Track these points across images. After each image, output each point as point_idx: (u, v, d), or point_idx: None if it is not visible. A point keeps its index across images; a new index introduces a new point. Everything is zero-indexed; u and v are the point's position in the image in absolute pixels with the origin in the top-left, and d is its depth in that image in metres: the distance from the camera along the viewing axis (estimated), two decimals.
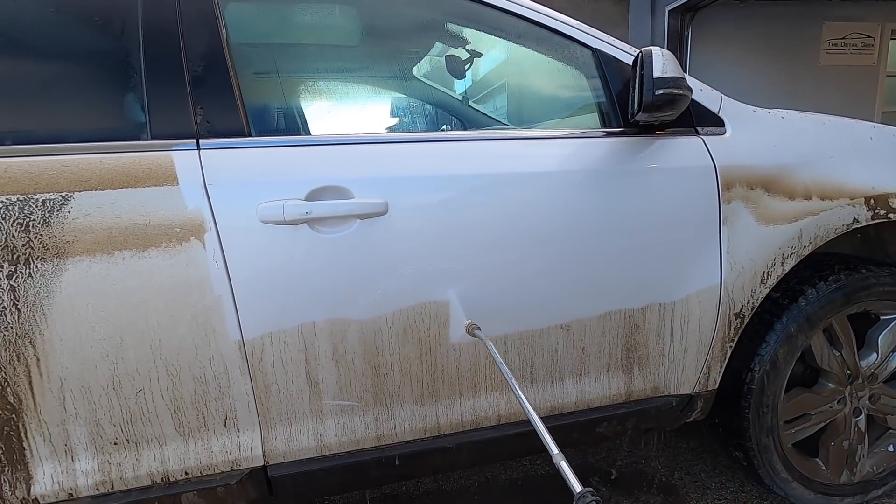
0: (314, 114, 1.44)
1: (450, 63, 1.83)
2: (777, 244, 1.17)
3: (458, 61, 1.84)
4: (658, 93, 0.95)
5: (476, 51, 1.85)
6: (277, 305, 0.96)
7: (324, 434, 1.05)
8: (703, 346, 1.19)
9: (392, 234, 0.99)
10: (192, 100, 0.97)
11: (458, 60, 1.83)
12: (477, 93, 2.04)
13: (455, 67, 1.85)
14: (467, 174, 1.03)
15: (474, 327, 1.01)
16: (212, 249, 0.92)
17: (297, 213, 0.94)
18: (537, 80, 1.53)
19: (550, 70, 1.32)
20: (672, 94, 0.96)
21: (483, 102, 2.08)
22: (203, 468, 1.01)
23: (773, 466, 1.30)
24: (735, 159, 1.15)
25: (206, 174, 0.93)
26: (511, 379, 0.89)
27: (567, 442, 1.25)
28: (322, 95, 1.49)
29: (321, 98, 1.49)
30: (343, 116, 1.57)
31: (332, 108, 1.53)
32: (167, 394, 0.96)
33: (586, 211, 1.07)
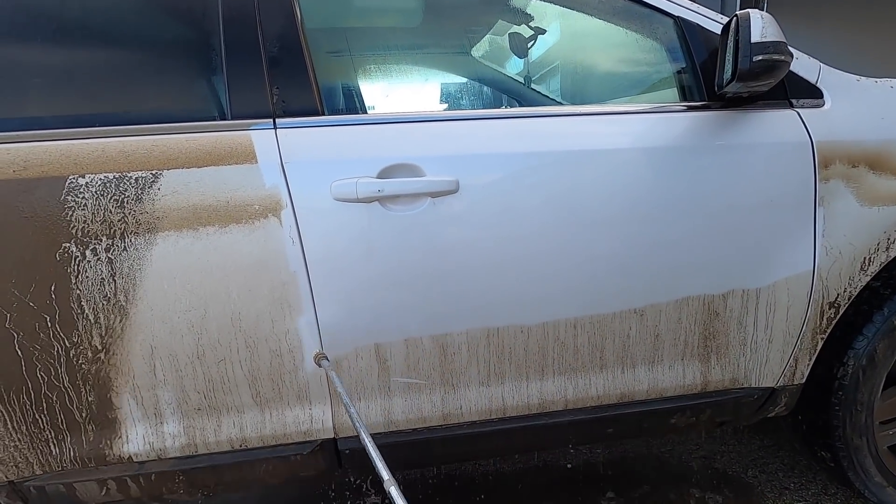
0: (383, 93, 1.44)
1: (513, 41, 1.78)
2: (882, 227, 1.06)
3: (521, 39, 1.78)
4: (756, 59, 0.87)
5: (540, 27, 1.78)
6: (350, 282, 0.98)
7: (391, 410, 1.06)
8: (791, 337, 1.11)
9: (463, 213, 0.98)
10: (268, 81, 0.99)
11: (522, 38, 1.78)
12: (541, 72, 1.97)
13: (518, 45, 1.80)
14: (538, 151, 1.00)
15: (321, 357, 0.98)
16: (288, 226, 0.95)
17: (369, 191, 0.94)
18: (610, 55, 1.45)
19: (625, 43, 1.25)
20: (772, 61, 0.88)
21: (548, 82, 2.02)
22: (278, 437, 1.05)
23: (865, 470, 1.20)
24: (835, 134, 1.05)
25: (283, 153, 0.95)
26: (351, 409, 0.84)
27: (636, 431, 1.21)
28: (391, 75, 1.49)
29: (390, 77, 1.48)
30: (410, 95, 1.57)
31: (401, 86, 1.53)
32: (245, 364, 1.00)
33: (662, 190, 1.02)
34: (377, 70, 1.45)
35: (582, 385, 1.10)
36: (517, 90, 1.69)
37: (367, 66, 1.43)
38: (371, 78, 1.41)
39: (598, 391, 1.10)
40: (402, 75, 1.51)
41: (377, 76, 1.44)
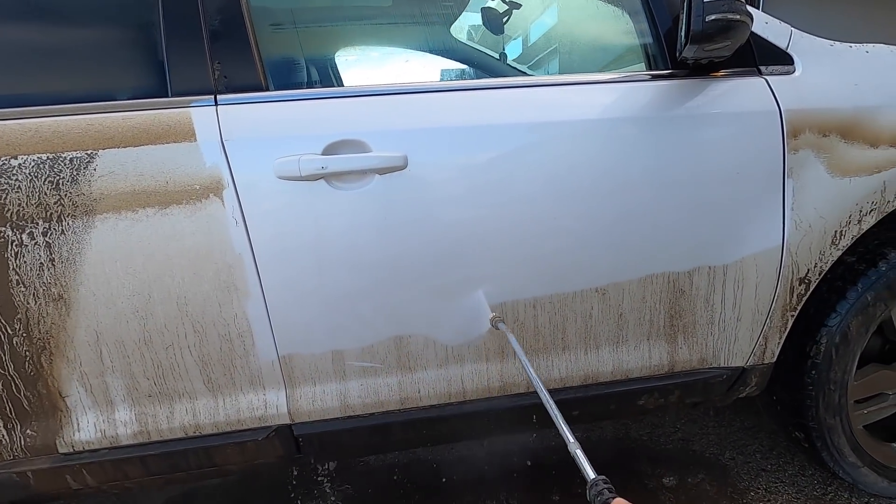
0: (332, 67, 1.39)
1: (486, 16, 1.73)
2: (854, 199, 1.02)
3: (495, 14, 1.73)
4: (709, 19, 0.82)
5: (514, 1, 1.73)
6: (299, 263, 0.95)
7: (347, 395, 1.04)
8: (760, 315, 1.07)
9: (413, 190, 0.94)
10: (209, 56, 0.95)
11: (496, 13, 1.73)
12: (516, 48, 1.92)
13: (492, 21, 1.75)
14: (491, 124, 0.96)
15: (498, 320, 0.96)
16: (231, 207, 0.91)
17: (312, 169, 0.91)
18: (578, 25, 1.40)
19: (591, 11, 1.20)
20: (726, 20, 0.83)
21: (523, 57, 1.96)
22: (232, 423, 1.03)
23: (839, 449, 1.17)
24: (805, 102, 1.00)
25: (224, 130, 0.91)
26: (531, 372, 0.82)
27: (604, 413, 1.19)
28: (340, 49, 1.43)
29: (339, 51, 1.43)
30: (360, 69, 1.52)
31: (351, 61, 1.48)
32: (195, 350, 0.97)
33: (624, 162, 0.98)
34: (325, 44, 1.40)
35: (544, 367, 1.07)
36: (482, 61, 1.64)
37: (315, 40, 1.38)
38: (318, 52, 1.36)
39: (560, 373, 1.07)
40: (351, 49, 1.46)
41: (325, 50, 1.39)
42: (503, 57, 1.80)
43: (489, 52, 1.78)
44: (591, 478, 0.58)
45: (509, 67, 1.81)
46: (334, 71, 1.42)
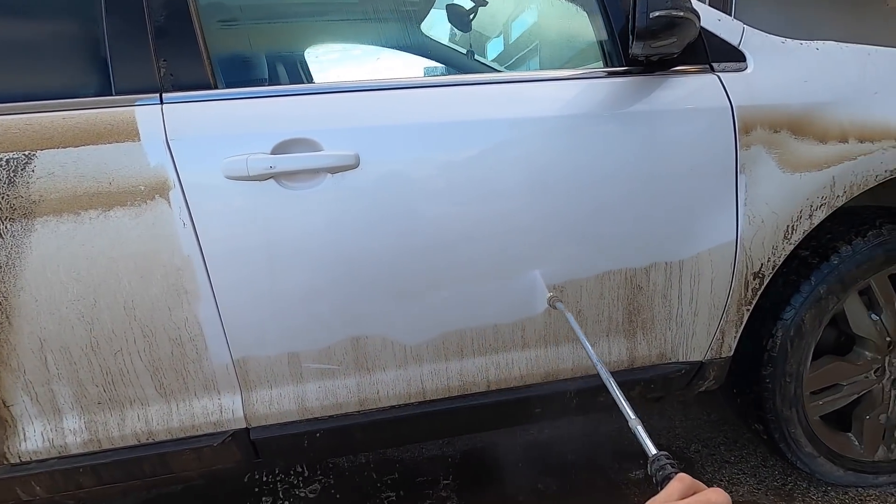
0: (287, 65, 1.37)
1: (452, 13, 1.72)
2: (804, 194, 1.03)
3: (461, 11, 1.72)
4: (653, 15, 0.82)
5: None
6: (249, 264, 0.93)
7: (305, 398, 1.02)
8: (716, 310, 1.09)
9: (366, 189, 0.93)
10: (155, 53, 0.92)
11: (462, 10, 1.72)
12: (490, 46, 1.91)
13: (458, 18, 1.74)
14: (444, 122, 0.95)
15: (555, 300, 0.97)
16: (178, 207, 0.89)
17: (261, 168, 0.89)
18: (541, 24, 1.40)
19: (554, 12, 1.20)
20: (670, 17, 0.83)
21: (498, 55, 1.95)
22: (187, 429, 1.01)
23: (796, 440, 1.19)
24: (756, 98, 1.01)
25: (169, 129, 0.89)
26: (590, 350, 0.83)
27: (566, 410, 1.19)
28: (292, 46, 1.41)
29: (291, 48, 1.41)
30: (319, 67, 1.50)
31: (307, 58, 1.45)
32: (145, 355, 0.95)
33: (579, 160, 0.98)
34: (277, 41, 1.38)
35: (504, 365, 1.07)
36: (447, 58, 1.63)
37: (266, 37, 1.36)
38: (270, 49, 1.34)
39: (521, 371, 1.07)
40: (305, 46, 1.43)
41: (278, 48, 1.36)
42: (470, 54, 1.79)
43: (457, 49, 1.77)
44: (653, 453, 0.57)
45: (479, 64, 1.81)
46: (287, 69, 1.40)
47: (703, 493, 0.44)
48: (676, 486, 0.46)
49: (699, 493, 0.45)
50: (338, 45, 1.51)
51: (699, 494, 0.44)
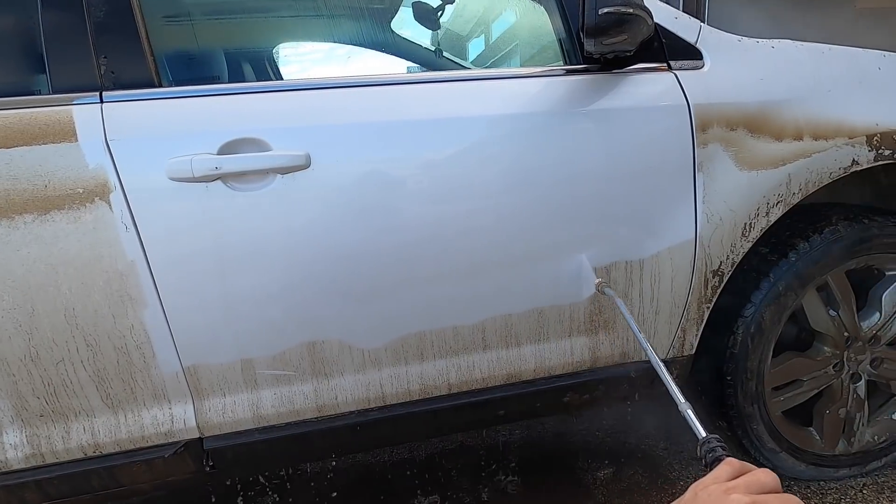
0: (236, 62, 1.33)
1: (418, 11, 1.69)
2: (761, 192, 1.04)
3: (427, 9, 1.70)
4: (602, 12, 0.81)
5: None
6: (197, 269, 0.90)
7: (260, 405, 0.99)
8: (677, 308, 1.09)
9: (317, 190, 0.90)
10: (94, 49, 0.88)
11: (428, 8, 1.70)
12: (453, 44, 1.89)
13: (425, 16, 1.72)
14: (399, 121, 0.93)
15: (604, 285, 0.98)
16: (119, 211, 0.85)
17: (206, 169, 0.86)
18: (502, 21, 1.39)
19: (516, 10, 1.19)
20: (619, 14, 0.82)
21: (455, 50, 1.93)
22: (135, 440, 0.97)
23: (758, 436, 1.20)
24: (713, 96, 1.01)
25: (108, 129, 0.85)
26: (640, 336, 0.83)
27: (530, 412, 1.18)
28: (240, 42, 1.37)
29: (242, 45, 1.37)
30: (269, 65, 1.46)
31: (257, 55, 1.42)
32: (89, 365, 0.91)
33: (537, 159, 0.96)
34: (225, 38, 1.34)
35: (465, 367, 1.05)
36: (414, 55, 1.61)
37: (213, 34, 1.32)
38: (218, 46, 1.30)
39: (482, 373, 1.06)
40: (254, 43, 1.40)
41: (225, 44, 1.33)
42: (439, 52, 1.77)
43: (425, 47, 1.75)
44: (703, 436, 0.57)
45: (449, 62, 1.79)
46: (235, 66, 1.36)
47: (753, 473, 0.45)
48: (725, 469, 0.46)
49: (748, 473, 0.45)
50: (293, 43, 1.47)
51: (749, 475, 0.44)
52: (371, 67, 1.57)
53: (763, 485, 0.43)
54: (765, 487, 0.43)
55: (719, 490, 0.43)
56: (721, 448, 0.54)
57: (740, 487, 0.43)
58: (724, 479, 0.45)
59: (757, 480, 0.43)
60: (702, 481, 0.46)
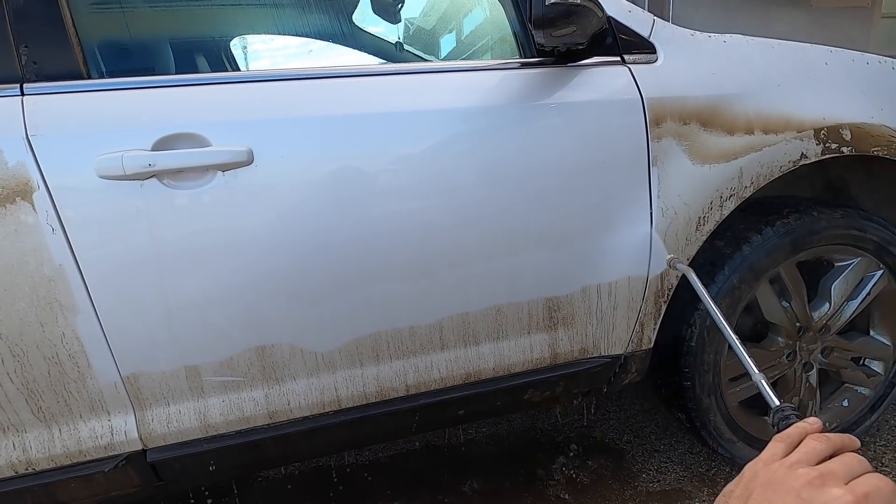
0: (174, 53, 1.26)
1: (377, 3, 1.65)
2: (714, 185, 1.04)
3: (386, 2, 1.66)
4: (549, 3, 0.79)
5: None
6: (133, 272, 0.84)
7: (207, 413, 0.95)
8: (635, 303, 1.09)
9: (261, 187, 0.86)
10: (14, 38, 0.82)
11: (388, 1, 1.66)
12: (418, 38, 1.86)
13: (384, 9, 1.68)
14: (344, 115, 0.89)
15: (676, 260, 0.98)
16: (44, 211, 0.80)
17: (138, 166, 0.81)
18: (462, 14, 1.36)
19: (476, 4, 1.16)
20: (567, 5, 0.80)
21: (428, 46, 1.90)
22: (72, 455, 0.91)
23: (716, 427, 1.21)
24: (666, 90, 1.01)
25: (29, 124, 0.79)
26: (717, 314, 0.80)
27: (492, 411, 1.17)
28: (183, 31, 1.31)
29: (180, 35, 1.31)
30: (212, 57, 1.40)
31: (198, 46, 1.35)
32: (17, 376, 0.85)
33: (490, 154, 0.94)
34: (161, 27, 1.27)
35: (423, 368, 1.03)
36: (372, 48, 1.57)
37: (147, 22, 1.25)
38: (153, 36, 1.24)
39: (440, 373, 1.04)
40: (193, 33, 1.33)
41: (162, 34, 1.26)
42: (399, 46, 1.74)
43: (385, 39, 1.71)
44: (776, 405, 0.57)
45: (409, 55, 1.75)
46: (173, 57, 1.29)
47: (806, 442, 0.45)
48: (779, 446, 0.46)
49: (803, 444, 0.45)
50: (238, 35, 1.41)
51: (804, 446, 0.44)
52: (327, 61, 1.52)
53: (820, 452, 0.43)
54: (823, 454, 0.43)
55: (783, 467, 0.43)
56: (795, 416, 0.54)
57: (802, 462, 0.43)
58: (781, 455, 0.45)
59: (813, 450, 0.44)
60: (759, 459, 0.46)
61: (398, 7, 1.69)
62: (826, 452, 0.44)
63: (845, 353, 1.27)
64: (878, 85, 1.16)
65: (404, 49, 1.75)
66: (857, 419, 1.33)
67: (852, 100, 1.12)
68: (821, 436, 0.45)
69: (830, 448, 0.44)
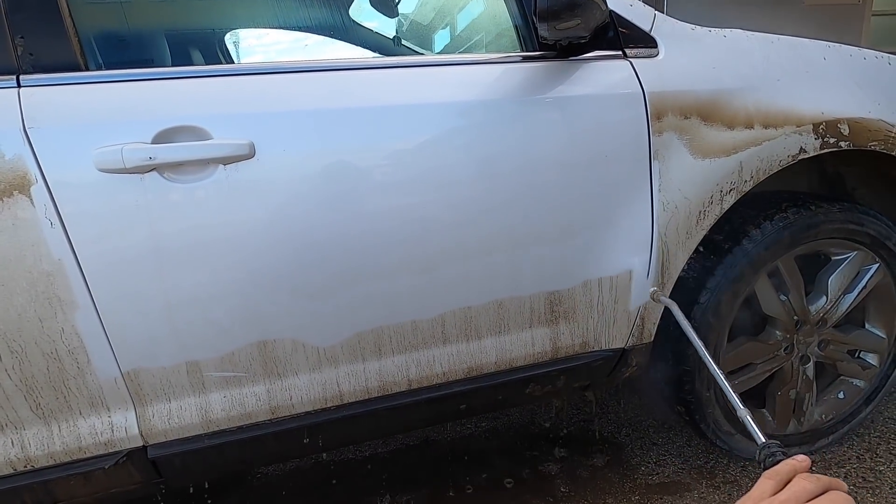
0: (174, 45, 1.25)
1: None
2: (714, 180, 1.05)
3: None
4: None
5: None
6: (133, 267, 0.84)
7: (209, 409, 0.94)
8: (635, 296, 1.09)
9: (263, 181, 0.86)
10: (9, 28, 0.81)
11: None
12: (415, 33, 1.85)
13: (382, 3, 1.67)
14: (347, 108, 0.89)
15: (658, 293, 1.03)
16: (42, 205, 0.79)
17: (139, 159, 0.80)
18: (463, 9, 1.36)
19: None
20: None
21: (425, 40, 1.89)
22: (71, 452, 0.90)
23: (714, 420, 1.23)
24: (667, 84, 1.01)
25: (27, 116, 0.78)
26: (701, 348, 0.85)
27: (493, 405, 1.17)
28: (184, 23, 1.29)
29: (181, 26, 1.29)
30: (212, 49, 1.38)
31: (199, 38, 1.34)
32: (15, 373, 0.84)
33: (492, 148, 0.94)
34: (161, 18, 1.26)
35: (425, 362, 1.03)
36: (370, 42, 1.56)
37: (147, 13, 1.23)
38: (153, 27, 1.22)
39: (443, 367, 1.04)
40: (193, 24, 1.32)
41: (162, 25, 1.24)
42: (397, 40, 1.73)
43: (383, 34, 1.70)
44: (762, 441, 0.58)
45: (406, 50, 1.74)
46: (174, 51, 1.28)
47: (797, 481, 0.46)
48: (768, 483, 0.47)
49: (793, 482, 0.46)
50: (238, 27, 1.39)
51: (794, 485, 0.45)
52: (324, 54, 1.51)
53: (810, 492, 0.44)
54: (812, 493, 0.44)
55: None
56: (781, 453, 0.55)
57: (791, 500, 0.44)
58: (770, 493, 0.45)
59: (803, 489, 0.44)
60: (749, 496, 0.46)
61: (396, 2, 1.68)
62: (815, 492, 0.44)
63: (841, 345, 1.29)
64: (875, 80, 1.17)
65: (401, 43, 1.74)
66: (853, 411, 1.34)
67: (850, 95, 1.13)
68: (810, 476, 0.46)
69: (819, 488, 0.45)
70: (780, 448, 0.56)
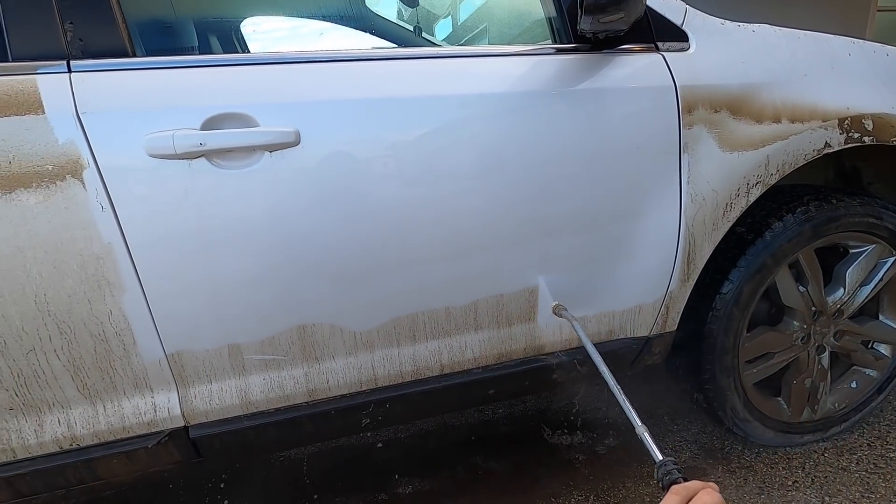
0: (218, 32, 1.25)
1: None
2: (742, 173, 1.07)
3: None
4: None
5: None
6: (179, 251, 0.85)
7: (249, 391, 0.97)
8: (661, 286, 1.11)
9: (307, 168, 0.87)
10: (59, 14, 0.82)
11: None
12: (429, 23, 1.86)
13: None
14: (390, 98, 0.90)
15: (560, 308, 1.01)
16: (94, 189, 0.80)
17: (189, 145, 0.81)
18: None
19: None
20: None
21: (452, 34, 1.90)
22: (115, 431, 0.93)
23: (732, 407, 1.26)
24: (698, 78, 1.03)
25: (79, 101, 0.79)
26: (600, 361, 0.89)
27: (519, 390, 1.20)
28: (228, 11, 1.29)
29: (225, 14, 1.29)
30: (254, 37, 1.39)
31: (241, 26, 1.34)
32: (63, 353, 0.86)
33: (527, 139, 0.96)
34: (205, 6, 1.26)
35: (457, 348, 1.05)
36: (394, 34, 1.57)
37: (192, 3, 1.24)
38: (197, 15, 1.22)
39: (474, 353, 1.06)
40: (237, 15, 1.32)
41: (206, 13, 1.25)
42: (418, 31, 1.73)
43: (404, 26, 1.71)
44: (660, 459, 0.60)
45: (425, 41, 1.75)
46: (218, 39, 1.28)
47: (699, 497, 0.50)
48: (673, 499, 0.50)
49: (695, 499, 0.50)
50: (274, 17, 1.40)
51: (696, 497, 0.49)
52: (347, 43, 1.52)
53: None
54: None
55: None
56: (677, 471, 0.58)
57: None
58: None
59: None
60: None
61: None
62: None
63: (856, 336, 1.32)
64: None
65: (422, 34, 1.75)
66: (865, 400, 1.38)
67: (874, 90, 1.15)
68: (714, 492, 0.50)
69: (721, 502, 0.49)
70: (676, 466, 0.60)
